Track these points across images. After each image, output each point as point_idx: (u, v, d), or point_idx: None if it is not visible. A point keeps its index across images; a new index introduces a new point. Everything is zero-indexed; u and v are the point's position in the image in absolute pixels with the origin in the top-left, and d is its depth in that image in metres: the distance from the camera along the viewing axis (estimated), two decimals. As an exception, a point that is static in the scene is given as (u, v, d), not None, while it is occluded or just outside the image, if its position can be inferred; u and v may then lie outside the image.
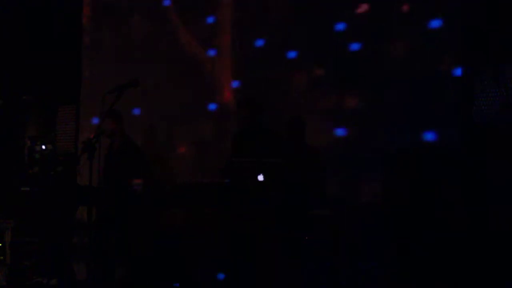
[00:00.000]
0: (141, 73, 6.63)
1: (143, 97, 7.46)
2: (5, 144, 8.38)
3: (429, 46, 6.12)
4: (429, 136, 6.09)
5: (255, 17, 7.26)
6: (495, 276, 5.12)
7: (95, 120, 8.00)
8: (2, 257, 6.35)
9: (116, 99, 4.96)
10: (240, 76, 7.32)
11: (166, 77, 7.70)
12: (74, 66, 8.36)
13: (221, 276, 5.96)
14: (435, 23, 6.11)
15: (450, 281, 5.24)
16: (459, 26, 5.95)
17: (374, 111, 6.39)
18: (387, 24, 6.39)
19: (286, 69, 6.92)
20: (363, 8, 6.57)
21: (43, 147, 7.75)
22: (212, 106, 7.44)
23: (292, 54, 6.93)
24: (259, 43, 7.16)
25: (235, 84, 7.33)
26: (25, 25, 8.47)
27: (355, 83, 6.54)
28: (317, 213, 5.62)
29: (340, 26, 6.66)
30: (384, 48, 6.39)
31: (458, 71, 5.99)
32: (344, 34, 6.62)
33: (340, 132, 6.62)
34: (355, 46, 6.54)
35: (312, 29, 6.78)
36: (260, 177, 5.57)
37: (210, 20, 7.58)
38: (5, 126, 8.47)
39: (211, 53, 7.52)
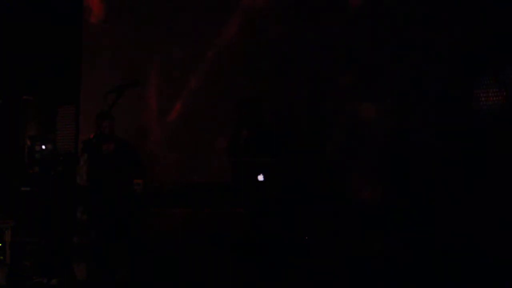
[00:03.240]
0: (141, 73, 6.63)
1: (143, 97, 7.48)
2: (5, 144, 8.38)
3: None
4: (428, 136, 6.08)
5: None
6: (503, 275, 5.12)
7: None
8: (2, 257, 6.34)
9: (116, 99, 4.97)
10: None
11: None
12: (74, 66, 8.35)
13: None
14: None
15: (450, 280, 5.24)
16: (460, 26, 5.95)
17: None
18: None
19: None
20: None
21: (43, 147, 7.73)
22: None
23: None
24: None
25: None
26: (25, 25, 8.46)
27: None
28: (317, 212, 5.62)
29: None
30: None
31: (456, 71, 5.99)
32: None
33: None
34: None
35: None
36: (260, 177, 5.56)
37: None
38: (5, 126, 8.46)
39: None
